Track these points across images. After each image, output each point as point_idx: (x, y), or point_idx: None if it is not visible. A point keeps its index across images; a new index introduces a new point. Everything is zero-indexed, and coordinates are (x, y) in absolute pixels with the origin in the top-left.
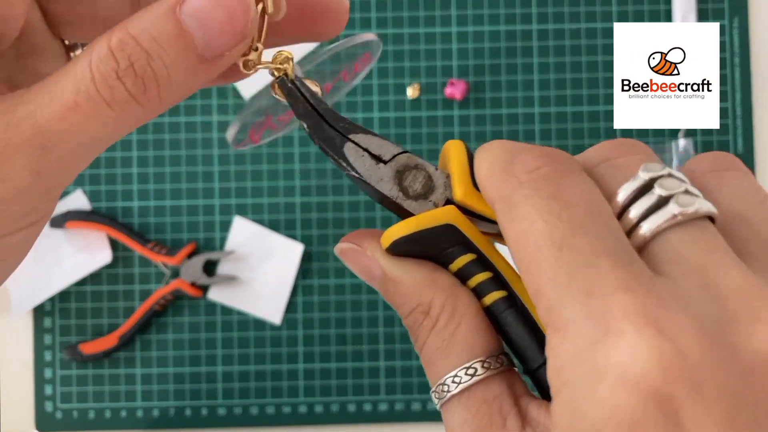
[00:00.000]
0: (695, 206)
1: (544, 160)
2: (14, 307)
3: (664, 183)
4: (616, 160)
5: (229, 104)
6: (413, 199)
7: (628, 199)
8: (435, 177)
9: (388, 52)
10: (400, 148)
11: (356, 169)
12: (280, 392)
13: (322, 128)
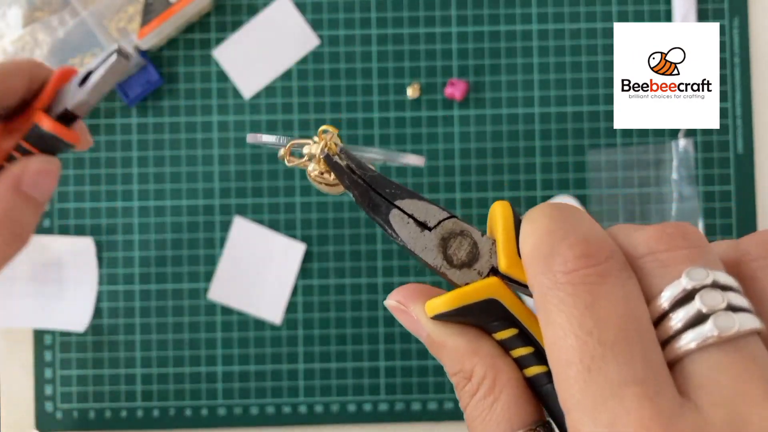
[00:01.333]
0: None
1: (584, 261)
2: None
3: (705, 297)
4: (662, 255)
5: (230, 104)
6: (457, 268)
7: (669, 305)
8: (481, 243)
9: (388, 52)
10: (447, 212)
11: (401, 237)
12: (280, 392)
13: (369, 196)
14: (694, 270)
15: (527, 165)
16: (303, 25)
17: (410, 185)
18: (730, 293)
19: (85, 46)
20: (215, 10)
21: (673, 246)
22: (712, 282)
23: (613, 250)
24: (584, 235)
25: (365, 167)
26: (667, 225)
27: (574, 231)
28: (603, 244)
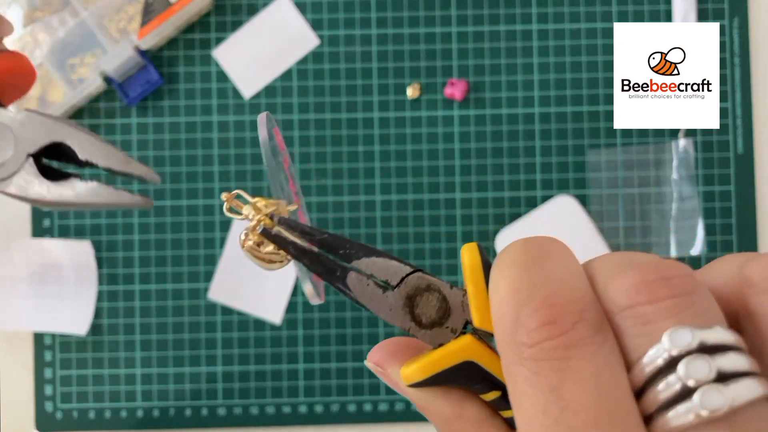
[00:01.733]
0: (725, 406)
1: (548, 331)
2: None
3: (689, 367)
4: (642, 309)
5: (230, 104)
6: (428, 328)
7: (650, 374)
8: (450, 297)
9: (388, 52)
10: (409, 267)
11: (361, 301)
12: (280, 392)
13: (321, 262)
14: (677, 332)
15: (527, 165)
16: (303, 25)
17: (411, 186)
18: (722, 357)
19: (85, 46)
20: (215, 10)
21: (654, 297)
22: (699, 345)
23: (584, 310)
24: (550, 294)
25: (314, 231)
26: (650, 269)
27: (540, 289)
28: (571, 303)
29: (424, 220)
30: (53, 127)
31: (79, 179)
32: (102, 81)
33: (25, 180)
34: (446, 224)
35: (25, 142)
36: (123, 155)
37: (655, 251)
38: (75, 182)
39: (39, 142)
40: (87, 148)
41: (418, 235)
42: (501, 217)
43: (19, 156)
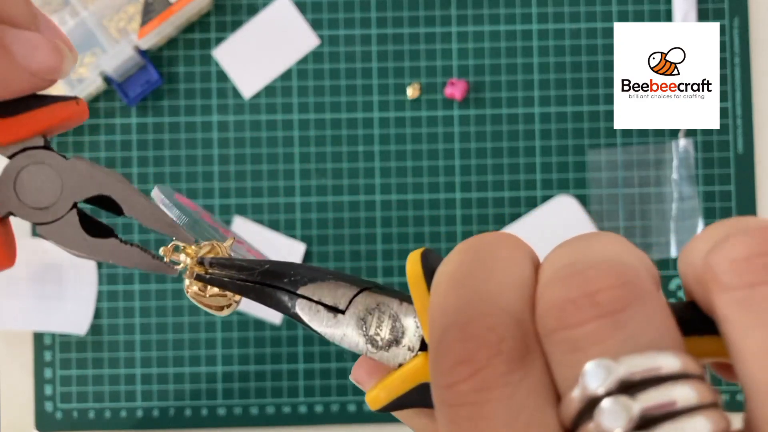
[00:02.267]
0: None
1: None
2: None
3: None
4: (569, 333)
5: (230, 104)
6: (385, 349)
7: (576, 412)
8: (402, 314)
9: (388, 52)
10: (356, 288)
11: (315, 329)
12: (280, 392)
13: (266, 294)
14: (591, 369)
15: (527, 165)
16: (303, 24)
17: (411, 186)
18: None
19: (85, 46)
20: (215, 10)
21: (581, 319)
22: (619, 385)
23: (502, 339)
24: (468, 321)
25: (253, 264)
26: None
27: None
28: (490, 331)
29: (424, 220)
30: (102, 179)
31: (119, 241)
32: (102, 81)
33: (66, 229)
34: (446, 224)
35: (71, 190)
36: (169, 220)
37: (655, 251)
38: (114, 243)
39: (85, 193)
40: (133, 206)
41: (418, 235)
42: (501, 217)
43: (63, 204)
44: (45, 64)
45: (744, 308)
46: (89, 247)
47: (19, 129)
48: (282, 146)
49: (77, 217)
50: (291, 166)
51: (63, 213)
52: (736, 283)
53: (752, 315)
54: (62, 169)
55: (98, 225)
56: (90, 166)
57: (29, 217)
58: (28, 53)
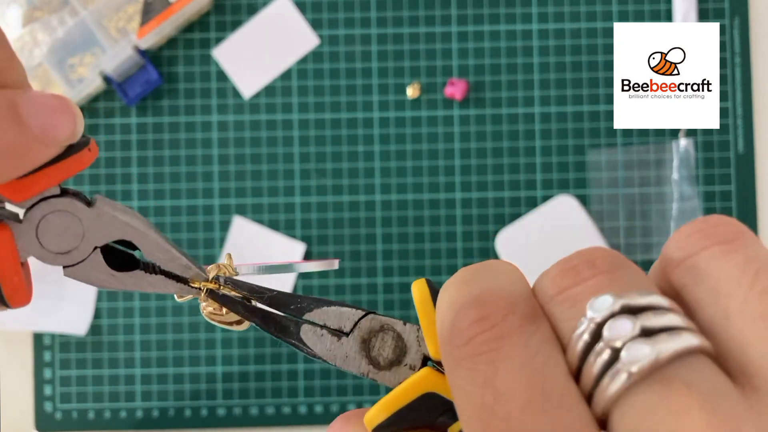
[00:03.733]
0: (651, 356)
1: (479, 326)
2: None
3: (613, 329)
4: (570, 292)
5: (230, 104)
6: (387, 369)
7: (582, 351)
8: (405, 334)
9: (388, 52)
10: (361, 311)
11: (317, 353)
12: (279, 392)
13: (273, 319)
14: (598, 300)
15: (527, 165)
16: (303, 24)
17: (411, 186)
18: (648, 316)
19: (85, 46)
20: (215, 10)
21: (579, 279)
22: (621, 307)
23: (514, 303)
24: (481, 293)
25: (262, 290)
26: (573, 255)
27: (472, 293)
28: (501, 299)
29: (424, 220)
30: (122, 226)
31: (144, 272)
32: (101, 81)
33: (91, 269)
34: (446, 224)
35: (93, 235)
36: (185, 262)
37: (655, 251)
38: (140, 274)
39: (106, 238)
40: (152, 251)
41: (418, 235)
42: (501, 217)
43: (86, 247)
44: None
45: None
46: (117, 282)
47: (34, 187)
48: (282, 146)
49: (101, 256)
50: (291, 166)
51: (86, 255)
52: (680, 256)
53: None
54: (84, 216)
55: (122, 255)
56: (111, 210)
57: (53, 261)
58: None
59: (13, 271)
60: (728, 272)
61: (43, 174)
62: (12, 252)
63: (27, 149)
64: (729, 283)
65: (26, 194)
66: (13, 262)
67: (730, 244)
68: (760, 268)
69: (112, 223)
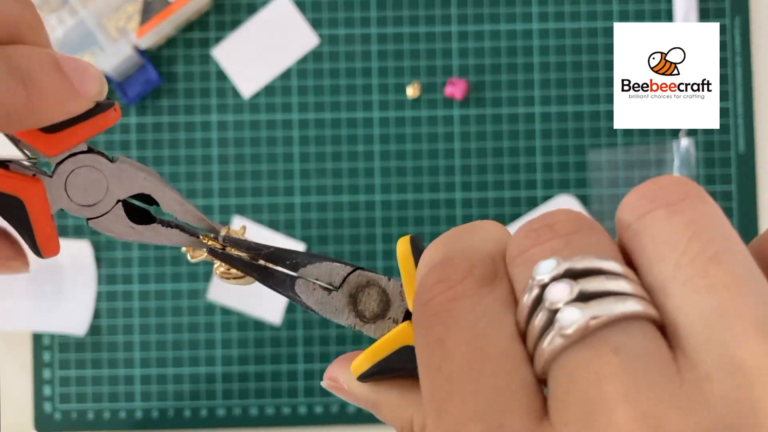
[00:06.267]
0: (580, 321)
1: (439, 287)
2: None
3: (551, 291)
4: (528, 253)
5: (229, 104)
6: (371, 322)
7: (528, 310)
8: (389, 290)
9: (388, 51)
10: (350, 267)
11: (310, 305)
12: (279, 393)
13: (270, 273)
14: (543, 263)
15: (528, 165)
16: (302, 24)
17: (411, 186)
18: (590, 280)
19: (84, 45)
20: (214, 9)
21: (538, 241)
22: (565, 271)
23: (474, 265)
24: (449, 254)
25: (259, 247)
26: (538, 218)
27: (443, 254)
28: (463, 260)
29: (424, 220)
30: (142, 181)
31: (161, 225)
32: None
33: (113, 221)
34: (446, 224)
35: (116, 189)
36: (200, 214)
37: None
38: (157, 227)
39: (128, 191)
40: (169, 203)
41: (417, 236)
42: (501, 217)
43: (109, 201)
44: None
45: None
46: (135, 234)
47: (65, 142)
48: (282, 146)
49: (122, 210)
50: (291, 166)
51: (109, 208)
52: (628, 219)
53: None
54: (107, 171)
55: (141, 211)
56: (131, 166)
57: (78, 213)
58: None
59: (46, 221)
60: (666, 236)
61: (73, 130)
62: (45, 204)
63: (68, 97)
64: (665, 247)
65: (58, 149)
66: (46, 214)
67: (674, 206)
68: (696, 231)
69: (133, 178)
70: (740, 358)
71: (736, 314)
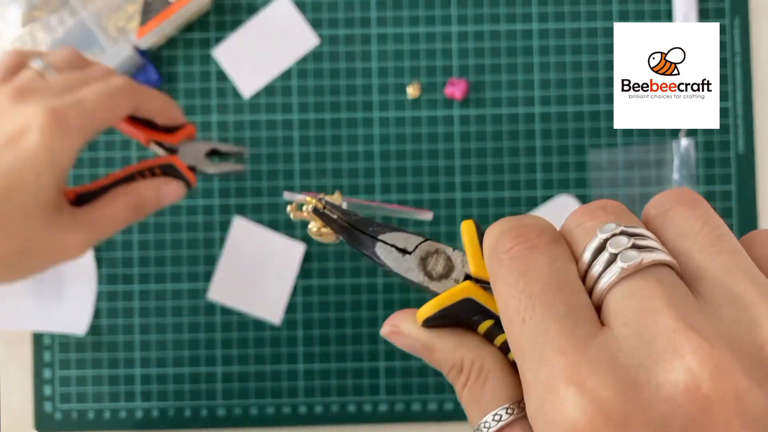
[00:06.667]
0: (637, 260)
1: (518, 239)
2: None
3: (614, 242)
4: (586, 224)
5: (230, 104)
6: (437, 281)
7: (590, 258)
8: (453, 257)
9: (388, 52)
10: (421, 237)
11: (386, 264)
12: (279, 393)
13: (356, 236)
14: (607, 225)
15: (527, 165)
16: (302, 24)
17: (411, 186)
18: (638, 238)
19: (85, 46)
20: (214, 10)
21: (593, 216)
22: (621, 231)
23: (544, 229)
24: (521, 224)
25: (349, 213)
26: (591, 203)
27: (514, 224)
28: (534, 226)
29: (423, 220)
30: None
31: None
32: None
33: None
34: (446, 224)
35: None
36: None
37: None
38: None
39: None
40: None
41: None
42: (501, 217)
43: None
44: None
45: (664, 221)
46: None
47: (178, 137)
48: (282, 146)
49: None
50: (291, 167)
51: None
52: (656, 211)
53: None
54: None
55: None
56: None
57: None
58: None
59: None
60: (686, 222)
61: (180, 133)
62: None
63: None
64: (687, 228)
65: (175, 140)
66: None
67: (689, 204)
68: (707, 220)
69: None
70: (739, 294)
71: (736, 269)
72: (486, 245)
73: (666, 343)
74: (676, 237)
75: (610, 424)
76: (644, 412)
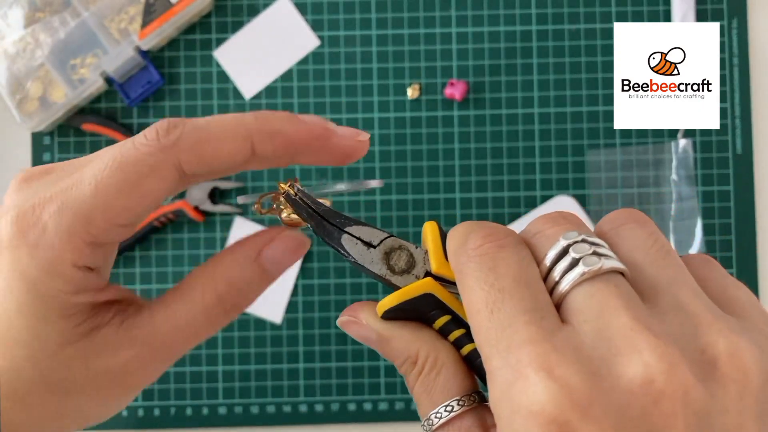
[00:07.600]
0: (598, 265)
1: (487, 238)
2: None
3: (576, 248)
4: (546, 231)
5: (231, 105)
6: (399, 275)
7: (552, 262)
8: (416, 254)
9: (388, 53)
10: (386, 233)
11: (351, 255)
12: (280, 391)
13: (323, 226)
14: (569, 232)
15: (527, 165)
16: (303, 25)
17: (411, 186)
18: (597, 246)
19: (87, 47)
20: (216, 11)
21: (555, 224)
22: (583, 239)
23: (510, 232)
24: (488, 226)
25: (318, 204)
26: (550, 212)
27: (482, 227)
28: (502, 229)
29: (423, 220)
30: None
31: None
32: (103, 81)
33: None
34: (446, 224)
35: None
36: None
37: None
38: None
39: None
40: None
41: (417, 236)
42: (501, 216)
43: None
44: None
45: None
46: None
47: None
48: None
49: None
50: (291, 166)
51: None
52: (610, 227)
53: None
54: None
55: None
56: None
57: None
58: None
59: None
60: (639, 238)
61: None
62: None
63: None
64: (639, 243)
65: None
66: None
67: (640, 222)
68: (656, 237)
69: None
70: (685, 303)
71: (681, 282)
72: (452, 243)
73: (624, 340)
74: (629, 250)
75: (575, 408)
76: (605, 400)
